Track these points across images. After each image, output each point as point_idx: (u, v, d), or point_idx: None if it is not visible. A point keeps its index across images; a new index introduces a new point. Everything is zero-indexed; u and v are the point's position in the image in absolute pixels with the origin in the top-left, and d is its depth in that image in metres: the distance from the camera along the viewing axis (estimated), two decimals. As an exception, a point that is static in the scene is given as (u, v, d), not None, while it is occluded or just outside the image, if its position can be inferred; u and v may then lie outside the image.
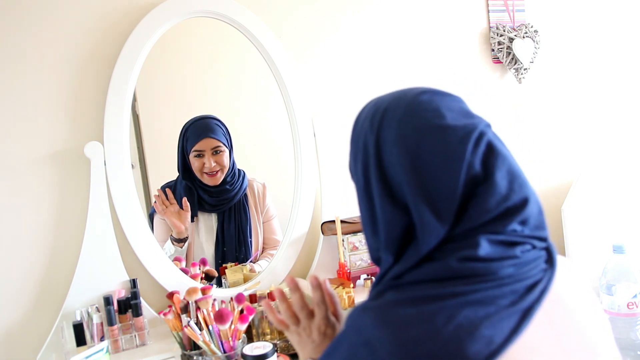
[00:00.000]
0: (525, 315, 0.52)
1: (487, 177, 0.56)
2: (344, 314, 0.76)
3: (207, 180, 1.39)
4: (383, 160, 0.59)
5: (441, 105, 0.59)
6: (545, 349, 0.54)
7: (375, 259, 0.63)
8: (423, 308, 0.51)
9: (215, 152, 1.38)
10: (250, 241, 1.45)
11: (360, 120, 0.65)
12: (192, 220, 1.40)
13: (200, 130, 1.37)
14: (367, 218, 0.62)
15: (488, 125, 0.60)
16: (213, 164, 1.37)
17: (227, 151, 1.40)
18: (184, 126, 1.39)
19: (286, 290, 1.34)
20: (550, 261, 0.59)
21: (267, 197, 1.49)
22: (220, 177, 1.40)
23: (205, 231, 1.42)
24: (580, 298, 0.62)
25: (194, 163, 1.38)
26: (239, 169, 1.45)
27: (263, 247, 1.49)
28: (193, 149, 1.37)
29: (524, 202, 0.57)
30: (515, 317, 0.52)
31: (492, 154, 0.57)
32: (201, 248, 1.41)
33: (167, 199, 1.37)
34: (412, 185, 0.56)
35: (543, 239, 0.59)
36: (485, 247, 0.54)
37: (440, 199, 0.55)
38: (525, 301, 0.53)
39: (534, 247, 0.58)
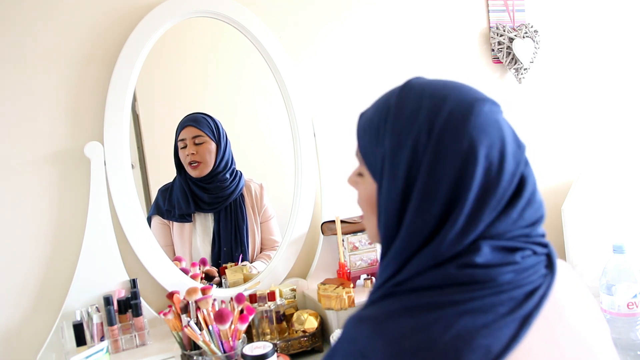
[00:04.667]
0: (524, 322, 0.51)
1: (511, 205, 0.56)
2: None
3: (190, 171, 1.39)
4: (435, 170, 0.54)
5: (503, 125, 0.58)
6: (545, 355, 0.53)
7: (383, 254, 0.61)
8: (420, 318, 0.51)
9: (197, 142, 1.38)
10: (248, 242, 1.45)
11: (407, 110, 0.58)
12: (190, 221, 1.41)
13: (184, 120, 1.40)
14: (389, 220, 0.57)
15: (527, 163, 0.60)
16: (192, 153, 1.38)
17: (211, 144, 1.40)
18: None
19: (285, 290, 1.35)
20: (550, 266, 0.58)
21: (265, 198, 1.49)
22: (203, 170, 1.39)
23: (201, 231, 1.42)
24: (581, 304, 0.62)
25: (181, 155, 1.40)
26: (236, 170, 1.45)
27: (261, 248, 1.49)
28: (178, 139, 1.39)
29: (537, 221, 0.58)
30: (513, 325, 0.51)
31: (523, 185, 0.58)
32: (198, 248, 1.41)
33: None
34: (454, 202, 0.54)
35: (544, 245, 0.59)
36: (485, 254, 0.53)
37: (462, 219, 0.54)
38: (524, 308, 0.52)
39: (535, 252, 0.57)
